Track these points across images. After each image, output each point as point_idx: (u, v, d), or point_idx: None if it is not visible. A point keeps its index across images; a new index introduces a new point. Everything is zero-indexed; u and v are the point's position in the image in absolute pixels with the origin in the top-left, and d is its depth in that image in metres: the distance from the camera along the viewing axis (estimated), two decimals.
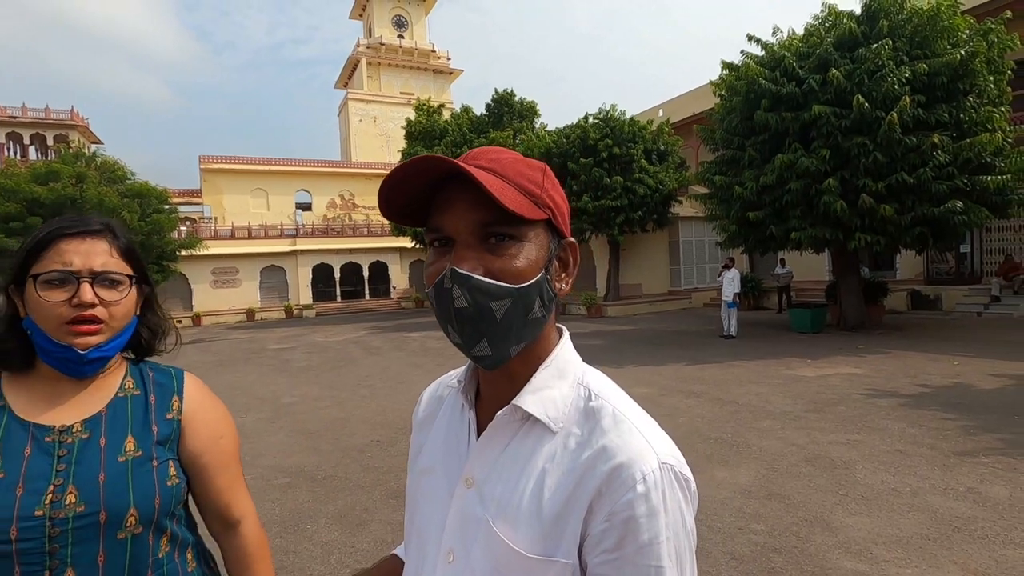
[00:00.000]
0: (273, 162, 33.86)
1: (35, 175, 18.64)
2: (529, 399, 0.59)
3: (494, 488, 0.59)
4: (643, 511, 0.52)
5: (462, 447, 0.64)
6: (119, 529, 0.84)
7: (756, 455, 4.43)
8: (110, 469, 0.86)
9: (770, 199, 10.67)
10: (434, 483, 0.66)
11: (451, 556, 0.60)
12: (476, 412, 0.65)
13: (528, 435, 0.59)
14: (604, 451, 0.55)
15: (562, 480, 0.55)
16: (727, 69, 11.84)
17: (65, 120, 29.70)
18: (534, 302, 0.57)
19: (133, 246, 0.95)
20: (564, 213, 0.61)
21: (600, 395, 0.60)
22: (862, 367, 7.71)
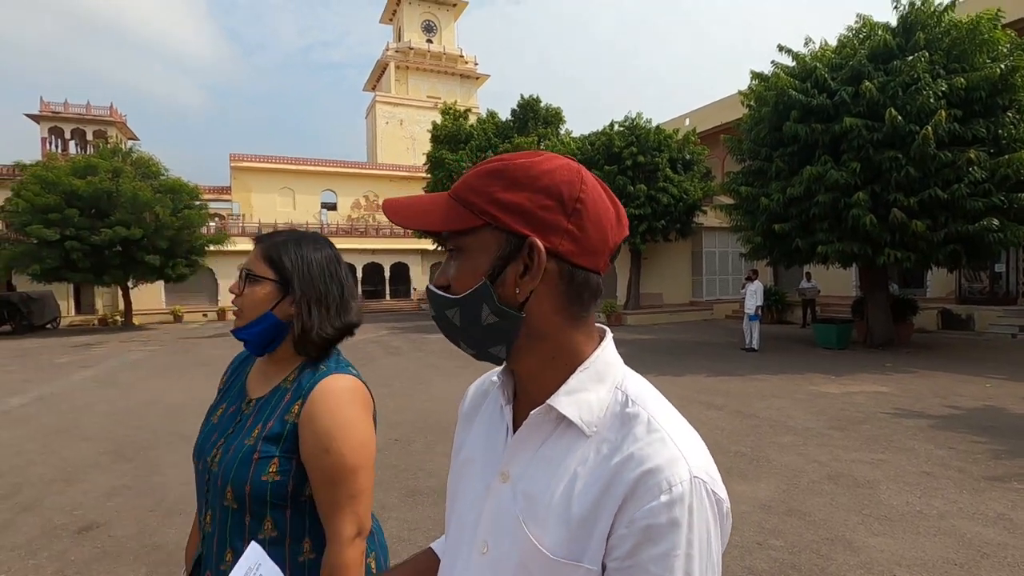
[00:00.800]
0: (300, 162, 34.48)
1: (74, 169, 19.28)
2: (564, 400, 0.59)
3: (527, 486, 0.59)
4: (663, 520, 0.51)
5: (500, 442, 0.65)
6: (224, 498, 1.01)
7: (777, 470, 4.36)
8: (236, 448, 1.03)
9: (797, 211, 10.51)
10: (474, 474, 0.67)
11: (485, 548, 0.61)
12: (514, 409, 0.66)
13: (562, 437, 0.59)
14: (633, 458, 0.54)
15: (591, 484, 0.55)
16: (756, 79, 11.72)
17: (104, 116, 30.66)
18: (480, 310, 0.58)
19: (278, 254, 1.09)
20: (528, 211, 0.56)
21: (637, 401, 0.59)
22: (888, 385, 7.53)
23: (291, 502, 1.02)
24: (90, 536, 3.45)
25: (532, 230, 0.57)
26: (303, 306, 1.08)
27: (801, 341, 12.62)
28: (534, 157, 0.59)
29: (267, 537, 1.01)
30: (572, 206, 0.57)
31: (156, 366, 11.09)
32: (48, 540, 3.41)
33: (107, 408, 7.23)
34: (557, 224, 0.57)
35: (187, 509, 3.83)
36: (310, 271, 1.09)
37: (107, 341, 16.72)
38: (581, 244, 0.58)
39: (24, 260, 18.45)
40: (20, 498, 4.13)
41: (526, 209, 0.57)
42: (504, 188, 0.57)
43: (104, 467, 4.81)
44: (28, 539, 3.43)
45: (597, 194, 0.59)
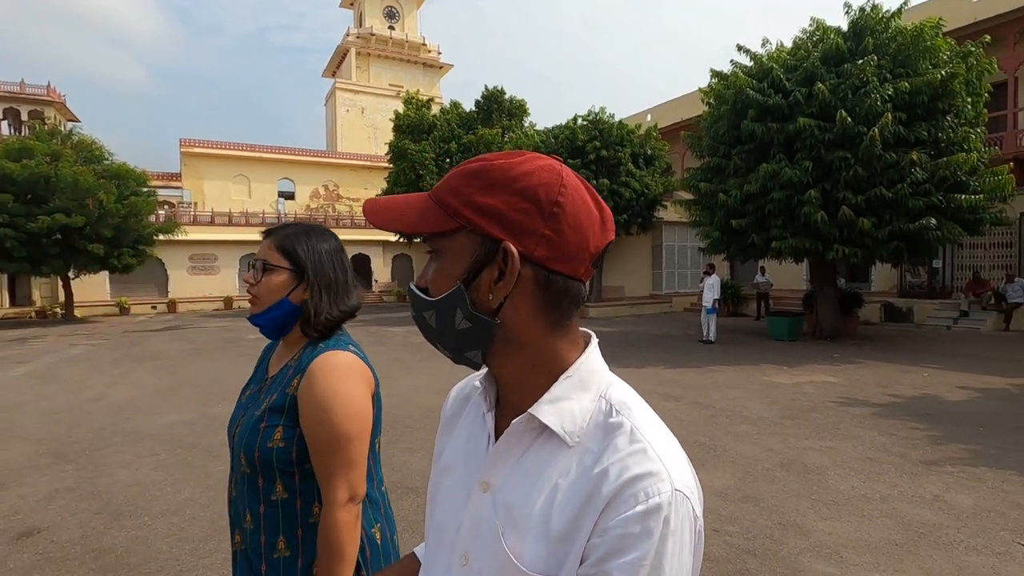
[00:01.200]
0: (256, 148, 33.31)
1: (7, 151, 18.07)
2: (546, 409, 0.57)
3: (507, 496, 0.58)
4: (637, 531, 0.50)
5: (481, 449, 0.64)
6: (241, 465, 1.14)
7: (733, 459, 4.51)
8: (248, 419, 1.15)
9: (753, 208, 10.85)
10: (454, 481, 0.66)
11: (465, 560, 0.59)
12: (496, 415, 0.65)
13: (544, 447, 0.58)
14: (613, 469, 0.53)
15: (571, 497, 0.54)
16: (716, 78, 12.00)
17: (41, 96, 28.82)
18: (454, 314, 0.57)
19: (292, 244, 1.19)
20: (503, 214, 0.55)
21: (621, 411, 0.57)
22: (836, 376, 7.89)
23: (297, 468, 1.11)
24: (30, 542, 3.26)
25: (507, 234, 0.55)
26: (314, 291, 1.19)
27: (755, 333, 13.07)
28: (515, 157, 0.58)
29: (279, 499, 1.11)
30: (549, 209, 0.55)
31: (100, 361, 10.56)
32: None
33: (46, 406, 6.85)
34: (533, 228, 0.55)
35: (136, 511, 3.67)
36: (320, 259, 1.20)
37: (46, 335, 15.81)
38: (558, 249, 0.56)
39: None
40: None
41: (501, 212, 0.55)
42: (480, 190, 0.56)
43: (43, 469, 4.56)
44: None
45: (579, 196, 0.57)
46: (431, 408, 5.98)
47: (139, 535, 3.33)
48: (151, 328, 17.34)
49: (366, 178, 35.10)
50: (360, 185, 35.23)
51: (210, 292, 25.77)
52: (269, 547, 1.11)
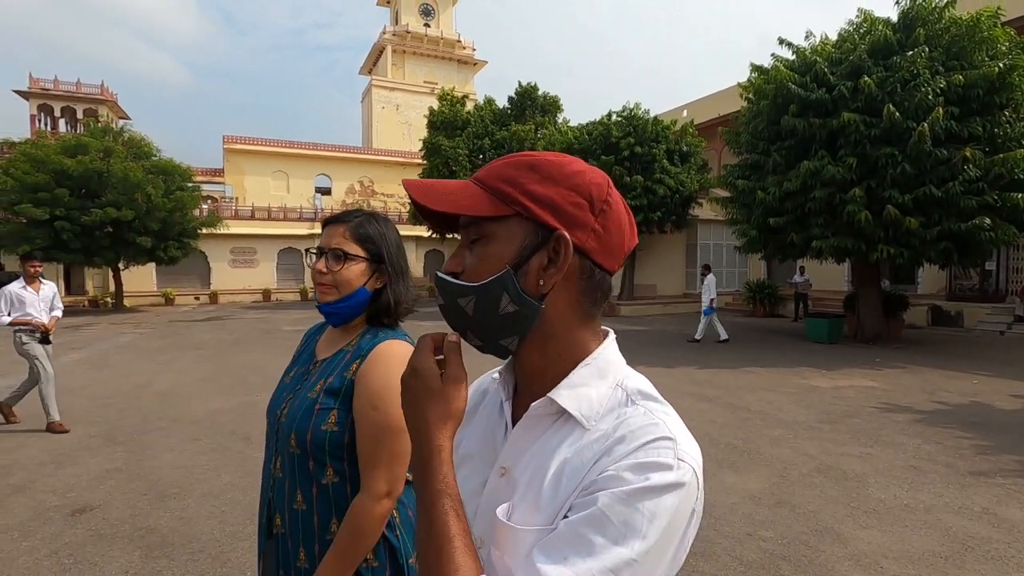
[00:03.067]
0: (295, 145, 34.13)
1: (64, 147, 18.97)
2: (565, 394, 0.59)
3: (521, 475, 0.60)
4: (636, 479, 0.51)
5: (499, 437, 0.66)
6: (289, 446, 1.13)
7: (767, 462, 4.41)
8: (300, 401, 1.14)
9: (793, 206, 10.54)
10: (471, 471, 0.67)
11: (480, 543, 0.61)
12: (513, 405, 0.67)
13: (560, 430, 0.60)
14: (624, 437, 0.55)
15: (579, 464, 0.56)
16: (756, 72, 11.68)
17: (95, 95, 30.15)
18: (500, 298, 0.58)
19: (367, 232, 1.19)
20: (559, 206, 0.58)
21: (636, 399, 0.59)
22: (878, 380, 7.62)
23: (347, 454, 1.12)
24: (83, 519, 3.44)
25: (561, 224, 0.58)
26: (393, 279, 1.21)
27: (792, 335, 12.72)
28: (563, 157, 0.62)
29: (330, 482, 1.12)
30: (600, 206, 0.60)
31: (147, 349, 11.02)
32: (41, 522, 3.40)
33: (98, 391, 7.19)
34: (585, 221, 0.59)
35: (180, 493, 3.83)
36: (390, 247, 1.21)
37: (98, 323, 16.59)
38: (604, 243, 0.60)
39: (13, 240, 18.19)
40: (12, 480, 4.11)
41: (557, 203, 0.59)
42: (538, 181, 0.59)
43: (95, 450, 4.80)
44: (21, 521, 3.42)
45: (619, 201, 0.62)
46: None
47: (182, 516, 3.47)
48: (194, 318, 18.00)
49: (400, 174, 35.52)
50: (394, 181, 35.69)
51: (250, 284, 26.57)
52: (322, 528, 1.11)
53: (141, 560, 2.95)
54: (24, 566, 2.89)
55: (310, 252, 1.23)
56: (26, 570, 2.85)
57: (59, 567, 2.88)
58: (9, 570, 2.86)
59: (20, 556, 2.99)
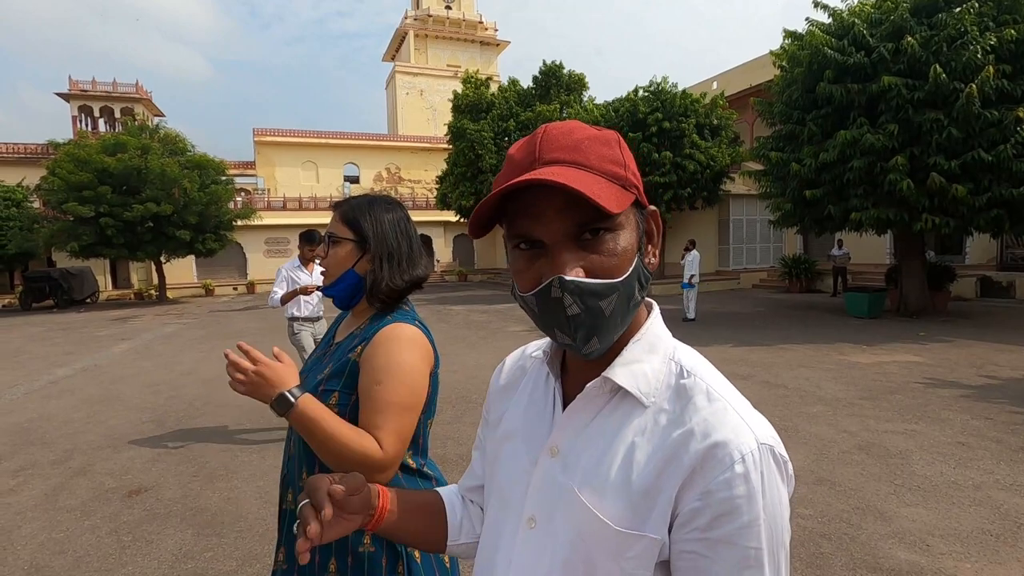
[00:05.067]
0: (323, 135, 34.55)
1: (104, 146, 19.63)
2: (620, 372, 0.58)
3: (579, 457, 0.58)
4: (742, 491, 0.51)
5: (546, 417, 0.64)
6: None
7: (805, 440, 4.33)
8: (310, 382, 1.16)
9: (830, 177, 10.16)
10: (515, 449, 0.66)
11: (533, 523, 0.61)
12: (562, 384, 0.65)
13: (617, 408, 0.59)
14: (699, 429, 0.54)
15: (653, 455, 0.55)
16: (789, 38, 11.23)
17: (131, 94, 31.02)
18: (635, 288, 0.56)
19: (354, 215, 1.21)
20: (640, 183, 0.58)
21: (693, 372, 0.59)
22: (923, 355, 7.36)
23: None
24: (139, 499, 3.63)
25: (644, 198, 0.59)
26: (376, 261, 1.20)
27: (831, 310, 12.36)
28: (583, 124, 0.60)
29: None
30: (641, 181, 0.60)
31: (190, 338, 11.45)
32: (100, 503, 3.60)
33: (146, 379, 7.52)
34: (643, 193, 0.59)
35: (227, 475, 3.99)
36: (382, 229, 1.20)
37: (143, 315, 17.29)
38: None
39: (62, 237, 19.05)
40: (72, 463, 4.36)
41: (639, 178, 0.58)
42: (630, 157, 0.57)
43: (147, 435, 5.03)
44: (82, 501, 3.63)
45: None
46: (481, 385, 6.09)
47: (230, 496, 3.62)
48: (233, 308, 18.57)
49: (426, 160, 35.65)
50: (420, 167, 35.85)
51: None
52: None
53: (193, 538, 3.10)
54: (87, 543, 3.08)
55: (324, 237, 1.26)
56: (89, 547, 3.03)
57: (118, 544, 3.05)
58: (74, 547, 3.04)
59: (83, 534, 3.18)
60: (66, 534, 3.19)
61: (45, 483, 3.97)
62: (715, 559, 0.52)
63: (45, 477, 4.09)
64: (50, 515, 3.44)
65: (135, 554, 2.94)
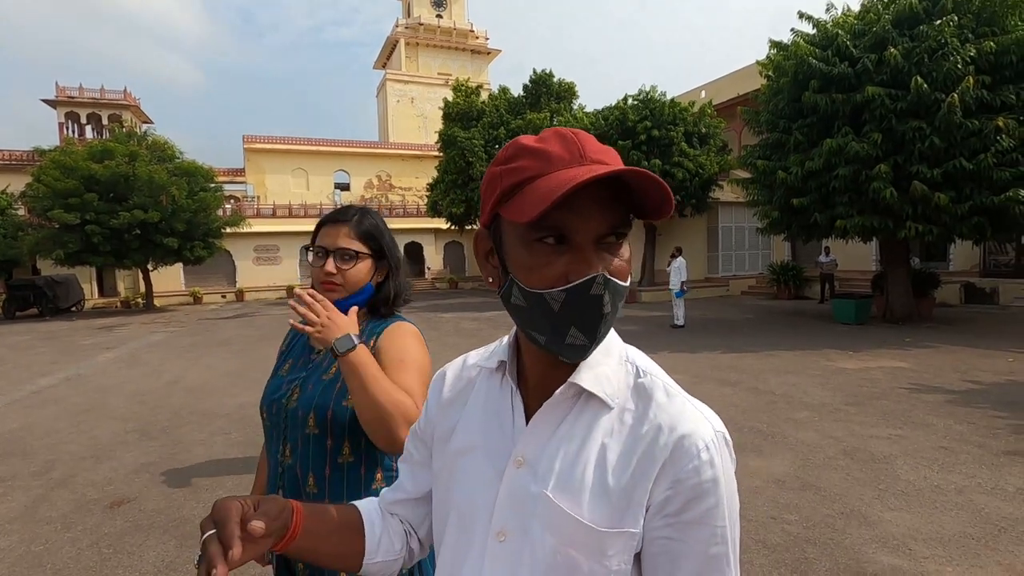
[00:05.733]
0: (313, 142, 34.48)
1: (91, 153, 19.44)
2: (586, 376, 0.60)
3: (550, 464, 0.59)
4: (708, 476, 0.55)
5: (506, 427, 0.64)
6: (305, 428, 1.15)
7: (792, 446, 4.36)
8: (315, 383, 1.18)
9: (816, 185, 10.29)
10: (475, 463, 0.65)
11: (503, 536, 0.60)
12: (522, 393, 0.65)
13: (583, 412, 0.60)
14: (665, 424, 0.57)
15: (624, 454, 0.57)
16: (775, 48, 11.38)
17: (119, 100, 30.82)
18: (625, 291, 0.59)
19: (371, 230, 1.24)
20: None
21: (648, 371, 0.62)
22: (908, 361, 7.44)
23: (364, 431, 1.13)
24: (121, 511, 3.58)
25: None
26: (393, 272, 1.27)
27: (818, 317, 12.48)
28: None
29: (345, 462, 1.15)
30: None
31: (177, 347, 11.33)
32: (82, 514, 3.54)
33: (132, 388, 7.43)
34: None
35: (212, 485, 3.95)
36: (392, 242, 1.28)
37: (130, 323, 17.08)
38: None
39: (47, 245, 18.81)
40: (54, 474, 4.29)
41: None
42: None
43: (131, 445, 4.97)
44: (63, 513, 3.57)
45: None
46: None
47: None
48: (222, 316, 18.41)
49: (417, 167, 35.67)
50: (411, 174, 35.86)
51: (274, 281, 27.03)
52: None
53: (176, 549, 3.06)
54: (67, 556, 3.02)
55: (310, 251, 1.25)
56: (69, 559, 2.98)
57: (99, 556, 3.00)
58: (53, 560, 2.99)
59: (63, 547, 3.13)
60: (45, 547, 3.13)
61: (25, 495, 3.91)
62: (686, 540, 0.55)
63: (26, 489, 4.02)
64: (29, 527, 3.38)
65: (116, 566, 2.90)
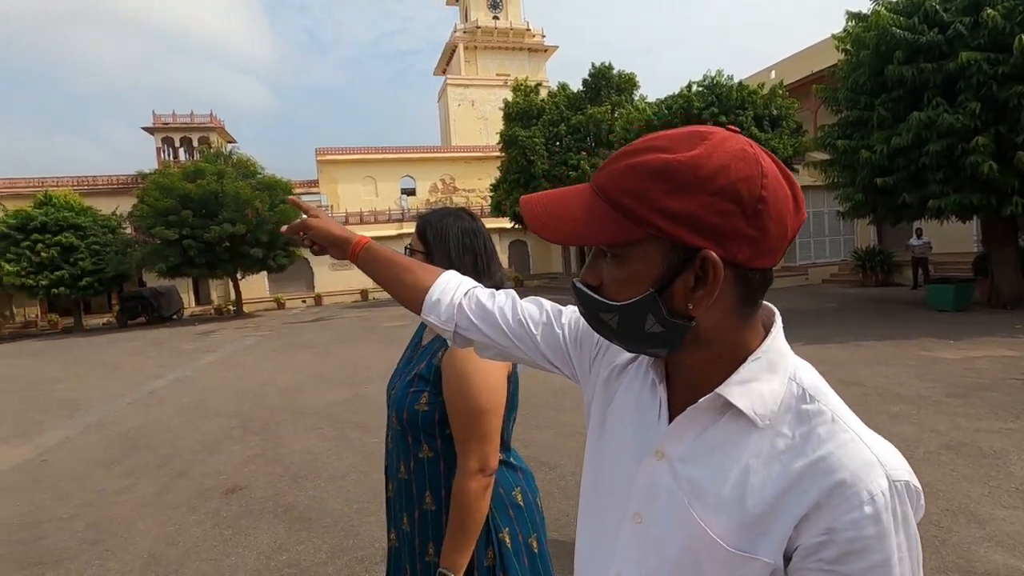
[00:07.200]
0: (380, 150, 35.87)
1: (185, 174, 21.25)
2: (736, 391, 0.55)
3: (689, 469, 0.57)
4: (871, 532, 0.48)
5: (651, 419, 0.63)
6: (393, 423, 1.28)
7: (887, 440, 4.12)
8: (402, 382, 1.28)
9: (904, 163, 9.58)
10: (622, 446, 0.66)
11: (638, 518, 0.61)
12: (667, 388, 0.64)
13: (729, 425, 0.56)
14: (824, 462, 0.51)
15: (769, 480, 0.53)
16: (853, 20, 10.69)
17: (206, 123, 33.44)
18: (644, 319, 0.54)
19: (423, 226, 1.30)
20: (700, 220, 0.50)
21: (815, 395, 0.55)
22: (1018, 349, 6.80)
23: (439, 431, 1.21)
24: (235, 497, 3.95)
25: (706, 240, 0.51)
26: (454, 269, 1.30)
27: (912, 304, 11.61)
28: (697, 146, 0.51)
29: (425, 457, 1.23)
30: (753, 207, 0.50)
31: (267, 350, 12.17)
32: (202, 500, 3.94)
33: (232, 388, 8.09)
34: (735, 230, 0.50)
35: (310, 475, 4.26)
36: (446, 242, 1.27)
37: (223, 328, 18.50)
38: (761, 247, 0.52)
39: (152, 259, 20.75)
40: (173, 465, 4.78)
41: (698, 217, 0.50)
42: (670, 193, 0.50)
43: (237, 439, 5.43)
44: (186, 499, 3.98)
45: (777, 183, 0.51)
46: (559, 388, 6.15)
47: (315, 495, 3.87)
48: (303, 320, 19.55)
49: (479, 169, 36.25)
50: (474, 176, 36.50)
51: (349, 286, 28.35)
52: (419, 498, 1.22)
53: (285, 532, 3.35)
54: (196, 535, 3.39)
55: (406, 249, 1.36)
56: (196, 540, 3.34)
57: (221, 537, 3.34)
58: (184, 539, 3.36)
59: (190, 528, 3.50)
60: (176, 528, 3.52)
61: (154, 483, 4.39)
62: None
63: (154, 478, 4.52)
64: (161, 511, 3.81)
65: (236, 546, 3.22)
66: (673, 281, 0.53)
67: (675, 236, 0.51)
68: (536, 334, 0.78)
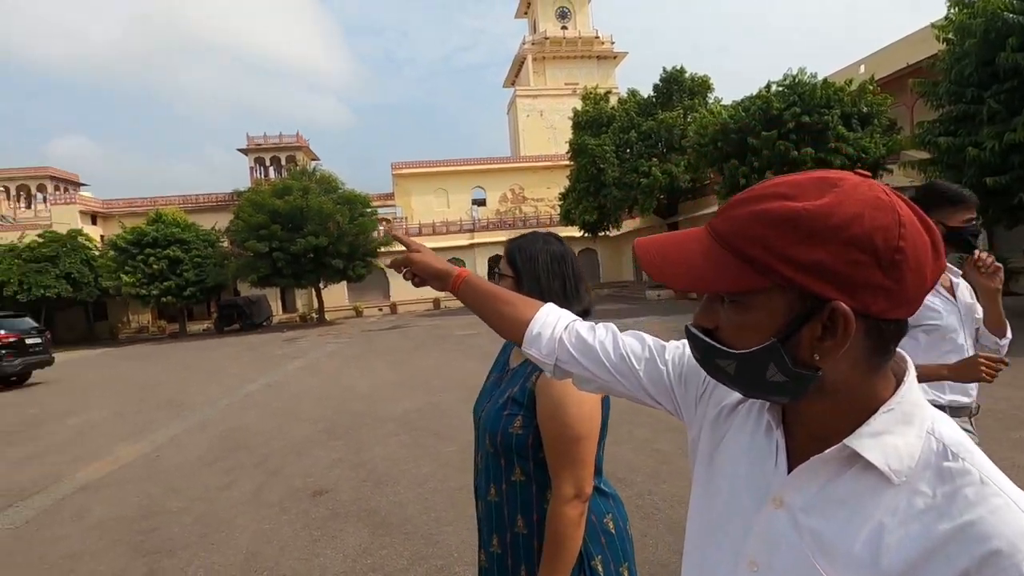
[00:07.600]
0: (451, 163, 36.94)
1: (274, 191, 22.89)
2: (868, 443, 0.52)
3: (812, 521, 0.55)
4: None
5: (766, 465, 0.61)
6: (485, 444, 1.28)
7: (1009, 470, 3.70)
8: (494, 404, 1.29)
9: (1020, 160, 8.67)
10: (734, 488, 0.64)
11: (755, 566, 0.59)
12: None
13: (858, 479, 0.53)
14: (974, 527, 0.47)
15: (907, 541, 0.50)
16: (956, 6, 9.85)
17: (293, 143, 35.90)
18: (766, 367, 0.52)
19: (511, 250, 1.32)
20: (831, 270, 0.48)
21: (959, 454, 0.51)
22: None
23: (532, 455, 1.21)
24: (322, 499, 4.17)
25: (837, 291, 0.49)
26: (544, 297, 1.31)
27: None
28: (826, 194, 0.49)
29: (517, 480, 1.23)
30: (890, 258, 0.48)
31: (347, 356, 12.79)
32: (293, 501, 4.19)
33: (316, 393, 8.56)
34: (869, 281, 0.48)
35: (391, 481, 4.43)
36: (534, 267, 1.27)
37: (307, 335, 19.63)
38: (897, 298, 0.49)
39: (245, 270, 22.51)
40: (268, 466, 5.12)
41: (828, 267, 0.48)
42: (799, 242, 0.48)
43: (322, 443, 5.74)
44: (279, 499, 4.25)
45: (916, 231, 0.49)
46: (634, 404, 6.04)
47: (395, 501, 4.02)
48: (380, 327, 20.38)
49: (548, 178, 36.39)
50: (543, 185, 36.70)
51: (423, 295, 29.27)
52: (510, 521, 1.23)
53: (370, 536, 3.49)
54: (288, 535, 3.61)
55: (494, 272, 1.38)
56: (289, 539, 3.56)
57: (310, 538, 3.54)
58: (278, 537, 3.59)
59: (283, 527, 3.74)
60: (272, 526, 3.77)
61: (251, 482, 4.72)
62: None
63: (250, 477, 4.86)
64: (257, 509, 4.09)
65: (325, 547, 3.40)
66: (799, 330, 0.51)
67: (803, 285, 0.49)
68: (639, 369, 0.78)
